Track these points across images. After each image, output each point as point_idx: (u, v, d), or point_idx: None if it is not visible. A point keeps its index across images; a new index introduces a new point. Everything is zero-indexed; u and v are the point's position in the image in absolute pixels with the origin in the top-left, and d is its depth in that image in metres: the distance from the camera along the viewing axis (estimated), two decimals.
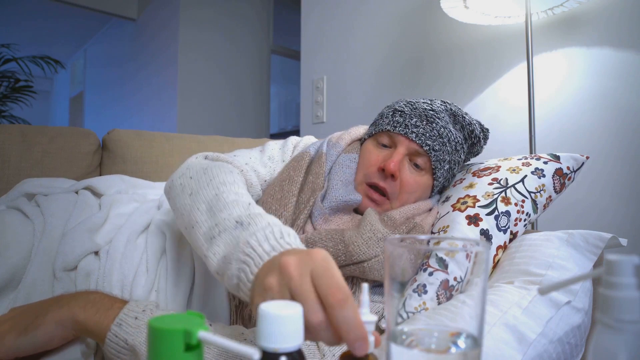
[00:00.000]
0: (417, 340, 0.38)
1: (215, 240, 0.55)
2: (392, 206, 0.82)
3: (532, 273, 0.72)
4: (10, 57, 3.81)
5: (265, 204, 0.80)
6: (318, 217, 0.78)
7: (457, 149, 0.85)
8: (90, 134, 1.22)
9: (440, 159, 0.82)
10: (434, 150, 0.81)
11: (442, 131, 0.82)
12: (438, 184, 0.86)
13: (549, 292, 0.35)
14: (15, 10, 4.33)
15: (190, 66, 3.15)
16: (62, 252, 0.72)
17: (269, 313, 0.32)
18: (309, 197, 0.81)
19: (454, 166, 0.87)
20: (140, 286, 0.72)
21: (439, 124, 0.82)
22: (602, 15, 1.21)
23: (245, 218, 0.55)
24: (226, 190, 0.63)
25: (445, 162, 0.83)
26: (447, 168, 0.85)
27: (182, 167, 0.75)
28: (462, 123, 0.86)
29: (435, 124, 0.82)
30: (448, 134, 0.82)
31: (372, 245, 0.72)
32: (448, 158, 0.83)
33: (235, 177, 0.69)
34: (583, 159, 0.88)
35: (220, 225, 0.56)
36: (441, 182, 0.86)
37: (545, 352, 0.63)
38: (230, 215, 0.57)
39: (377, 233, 0.73)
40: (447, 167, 0.84)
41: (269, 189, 0.83)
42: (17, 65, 3.83)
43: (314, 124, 1.97)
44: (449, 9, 1.31)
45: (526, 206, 0.82)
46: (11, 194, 0.89)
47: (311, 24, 2.01)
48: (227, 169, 0.70)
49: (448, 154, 0.83)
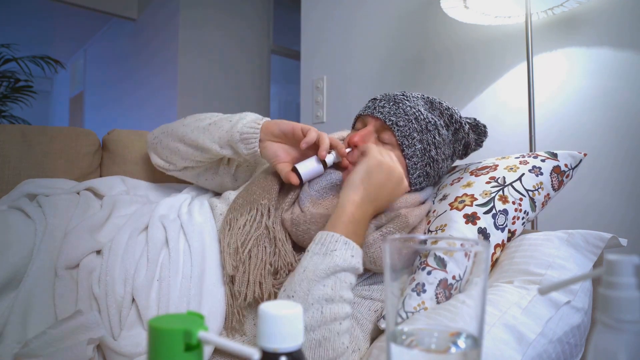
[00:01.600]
0: (417, 340, 0.38)
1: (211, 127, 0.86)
2: None
3: (532, 273, 0.72)
4: (10, 57, 3.81)
5: (248, 190, 0.85)
6: (305, 200, 0.81)
7: (428, 128, 0.84)
8: (90, 134, 1.22)
9: (405, 134, 0.83)
10: (398, 125, 0.83)
11: (408, 110, 0.84)
12: (415, 166, 0.84)
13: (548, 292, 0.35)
14: (15, 10, 4.33)
15: (190, 66, 3.15)
16: (65, 251, 0.73)
17: (268, 313, 0.32)
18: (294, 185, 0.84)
19: (430, 147, 0.85)
20: (142, 276, 0.73)
21: (406, 104, 0.85)
22: (602, 15, 1.21)
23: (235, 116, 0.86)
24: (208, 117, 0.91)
25: (415, 139, 0.83)
26: (421, 148, 0.84)
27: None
28: (440, 109, 0.88)
29: (402, 104, 0.85)
30: (415, 113, 0.84)
31: None
32: (417, 136, 0.83)
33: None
34: (581, 156, 0.88)
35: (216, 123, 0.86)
36: (419, 166, 0.84)
37: (545, 352, 0.63)
38: (226, 115, 0.88)
39: None
40: (420, 146, 0.84)
41: (255, 177, 0.88)
42: (17, 65, 3.83)
43: (313, 124, 1.97)
44: (449, 9, 1.31)
45: (524, 204, 0.82)
46: (13, 194, 0.89)
47: (311, 24, 2.01)
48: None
49: (416, 131, 0.83)
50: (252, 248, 0.75)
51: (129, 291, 0.72)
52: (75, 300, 0.71)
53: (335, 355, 0.64)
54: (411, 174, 0.84)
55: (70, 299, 0.71)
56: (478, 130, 0.94)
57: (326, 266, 0.66)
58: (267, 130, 0.83)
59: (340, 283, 0.66)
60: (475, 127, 0.94)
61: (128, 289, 0.72)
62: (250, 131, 0.83)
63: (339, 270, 0.66)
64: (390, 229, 0.76)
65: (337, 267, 0.66)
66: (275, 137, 0.84)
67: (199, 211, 0.84)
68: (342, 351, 0.65)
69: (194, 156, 0.90)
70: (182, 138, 0.89)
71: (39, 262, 0.72)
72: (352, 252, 0.68)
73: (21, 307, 0.68)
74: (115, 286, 0.71)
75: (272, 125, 0.83)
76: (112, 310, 0.70)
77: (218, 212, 0.84)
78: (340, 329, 0.65)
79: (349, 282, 0.67)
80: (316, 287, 0.65)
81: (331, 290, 0.65)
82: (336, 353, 0.64)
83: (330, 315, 0.64)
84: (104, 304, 0.71)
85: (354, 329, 0.72)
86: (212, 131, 0.86)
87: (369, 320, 0.74)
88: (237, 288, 0.73)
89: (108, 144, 1.24)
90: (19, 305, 0.68)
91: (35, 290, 0.70)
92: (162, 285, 0.72)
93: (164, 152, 0.93)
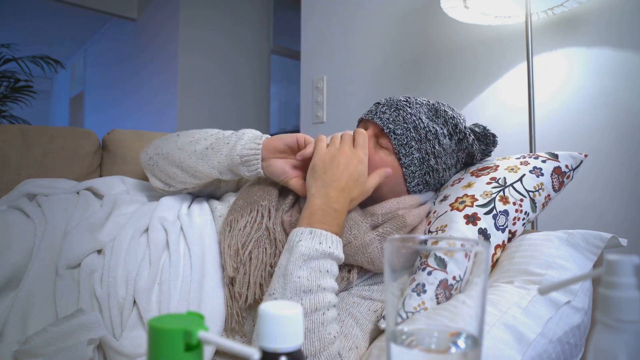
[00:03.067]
0: (417, 340, 0.38)
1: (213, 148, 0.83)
2: None
3: (532, 273, 0.72)
4: (10, 57, 3.81)
5: (249, 192, 0.84)
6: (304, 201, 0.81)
7: (428, 137, 0.83)
8: (90, 134, 1.22)
9: (402, 143, 0.82)
10: (395, 133, 0.82)
11: (408, 117, 0.83)
12: (412, 175, 0.83)
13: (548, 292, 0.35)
14: (15, 10, 4.33)
15: (190, 66, 3.15)
16: (66, 250, 0.73)
17: (268, 313, 0.32)
18: None
19: (429, 157, 0.84)
20: (144, 279, 0.73)
21: (407, 111, 0.84)
22: (602, 15, 1.21)
23: (233, 135, 0.84)
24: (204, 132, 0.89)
25: (412, 148, 0.82)
26: (419, 157, 0.83)
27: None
28: (445, 117, 0.86)
29: (403, 111, 0.84)
30: (415, 121, 0.83)
31: (345, 232, 0.75)
32: (416, 145, 0.82)
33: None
34: (581, 157, 0.88)
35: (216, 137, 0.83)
36: (417, 174, 0.84)
37: (545, 352, 0.63)
38: (221, 133, 0.85)
39: (348, 221, 0.76)
40: (418, 155, 0.83)
41: (254, 179, 0.87)
42: (17, 65, 3.83)
43: (313, 124, 1.97)
44: (449, 9, 1.31)
45: (525, 205, 0.82)
46: (12, 194, 0.89)
47: (311, 24, 2.01)
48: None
49: (414, 140, 0.82)
50: (252, 249, 0.75)
51: (130, 293, 0.72)
52: (77, 300, 0.71)
53: (321, 346, 0.64)
54: (409, 182, 0.84)
55: (72, 299, 0.71)
56: (487, 140, 0.92)
57: (295, 258, 0.66)
58: (269, 147, 0.81)
59: (314, 273, 0.66)
60: (484, 137, 0.92)
61: (130, 290, 0.72)
62: (250, 152, 0.81)
63: (308, 259, 0.66)
64: (387, 229, 0.76)
65: (305, 256, 0.66)
66: (281, 153, 0.82)
67: (199, 213, 0.84)
68: (329, 341, 0.64)
69: (194, 181, 0.87)
70: (180, 164, 0.85)
71: (39, 262, 0.72)
72: (319, 239, 0.68)
73: (21, 307, 0.68)
74: (118, 287, 0.72)
75: (275, 142, 0.82)
76: (114, 311, 0.71)
77: (218, 214, 0.84)
78: (324, 319, 0.65)
79: (325, 270, 0.67)
80: (290, 281, 0.65)
81: (307, 281, 0.65)
82: (322, 344, 0.64)
83: (310, 306, 0.64)
84: (106, 305, 0.71)
85: (352, 328, 0.72)
86: (210, 157, 0.83)
87: (369, 320, 0.74)
88: (238, 289, 0.73)
89: (108, 144, 1.24)
90: (19, 304, 0.68)
91: (35, 289, 0.70)
92: (162, 289, 0.73)
93: (161, 175, 0.90)
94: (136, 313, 0.71)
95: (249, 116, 3.40)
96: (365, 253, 0.74)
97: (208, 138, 0.86)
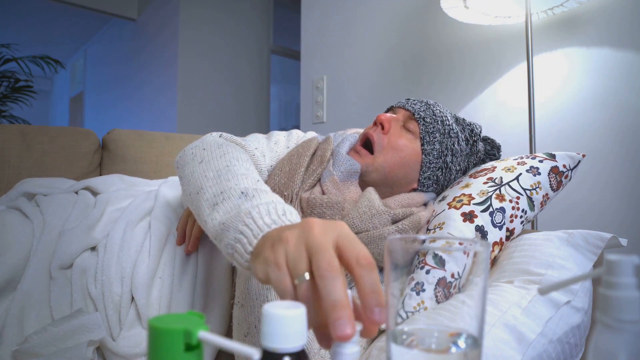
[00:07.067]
0: (417, 340, 0.38)
1: (217, 207, 0.55)
2: (375, 161, 0.83)
3: (532, 272, 0.72)
4: (10, 57, 3.81)
5: (272, 177, 0.81)
6: (326, 178, 0.80)
7: (450, 135, 0.86)
8: (90, 133, 1.22)
9: (429, 131, 0.85)
10: (424, 120, 0.85)
11: (437, 112, 0.87)
12: (429, 165, 0.84)
13: (548, 292, 0.35)
14: (15, 10, 4.33)
15: (190, 66, 3.15)
16: (58, 250, 0.72)
17: (272, 313, 0.32)
18: (317, 167, 0.82)
19: (447, 152, 0.86)
20: (142, 273, 0.71)
21: (437, 108, 0.88)
22: (602, 15, 1.21)
23: (251, 191, 0.55)
24: (237, 164, 0.64)
25: (436, 139, 0.85)
26: (439, 149, 0.85)
27: (197, 141, 0.77)
28: (463, 124, 0.91)
29: (433, 107, 0.88)
30: (443, 117, 0.87)
31: (365, 220, 0.75)
32: (439, 137, 0.85)
33: (248, 158, 0.70)
34: (579, 157, 0.88)
35: (225, 193, 0.56)
36: (432, 166, 0.85)
37: (545, 352, 0.63)
38: (237, 186, 0.57)
39: (372, 209, 0.76)
40: (439, 147, 0.85)
41: (278, 164, 0.84)
42: (17, 65, 3.83)
43: (313, 124, 1.97)
44: (449, 9, 1.31)
45: (521, 203, 0.82)
46: (11, 194, 0.89)
47: (311, 24, 2.01)
48: (240, 150, 0.72)
49: (439, 132, 0.85)
50: None
51: (127, 290, 0.70)
52: (70, 302, 0.69)
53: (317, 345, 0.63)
54: (423, 172, 0.85)
55: (65, 301, 0.69)
56: (492, 152, 0.98)
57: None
58: None
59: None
60: (491, 147, 0.98)
61: (126, 288, 0.70)
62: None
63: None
64: (405, 225, 0.77)
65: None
66: None
67: None
68: None
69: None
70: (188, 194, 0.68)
71: (36, 264, 0.70)
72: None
73: (18, 309, 0.67)
74: (113, 285, 0.70)
75: None
76: (110, 310, 0.69)
77: None
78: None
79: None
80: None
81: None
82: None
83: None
84: (101, 305, 0.69)
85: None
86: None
87: None
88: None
89: (108, 144, 1.24)
90: (16, 307, 0.67)
91: (32, 292, 0.68)
92: (164, 284, 0.71)
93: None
94: (134, 310, 0.70)
95: (249, 116, 3.40)
96: (380, 244, 0.74)
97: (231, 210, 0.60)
